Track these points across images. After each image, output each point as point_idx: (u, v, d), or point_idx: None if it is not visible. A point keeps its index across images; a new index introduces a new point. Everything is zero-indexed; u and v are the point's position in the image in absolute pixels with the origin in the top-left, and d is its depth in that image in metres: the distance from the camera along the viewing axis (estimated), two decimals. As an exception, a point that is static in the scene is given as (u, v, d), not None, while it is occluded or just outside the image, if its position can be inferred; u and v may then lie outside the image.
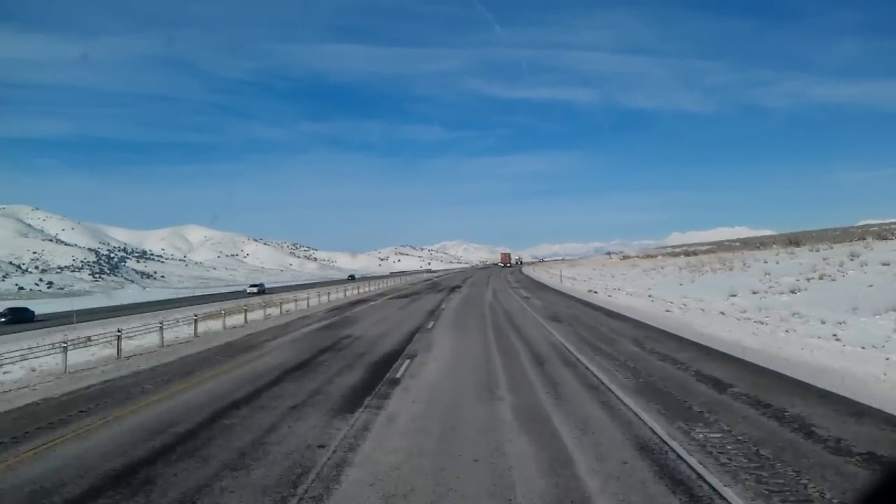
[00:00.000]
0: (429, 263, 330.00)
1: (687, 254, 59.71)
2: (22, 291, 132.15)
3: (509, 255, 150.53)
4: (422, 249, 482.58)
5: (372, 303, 34.66)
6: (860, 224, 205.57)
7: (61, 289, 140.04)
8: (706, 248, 77.90)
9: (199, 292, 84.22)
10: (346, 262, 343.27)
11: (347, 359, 13.76)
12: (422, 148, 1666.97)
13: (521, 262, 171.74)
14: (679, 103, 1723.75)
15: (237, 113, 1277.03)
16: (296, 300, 35.20)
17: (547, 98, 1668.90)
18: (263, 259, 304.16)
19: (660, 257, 61.30)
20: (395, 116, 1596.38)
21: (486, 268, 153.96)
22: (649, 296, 26.27)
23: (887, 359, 9.78)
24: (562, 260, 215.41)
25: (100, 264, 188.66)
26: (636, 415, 7.56)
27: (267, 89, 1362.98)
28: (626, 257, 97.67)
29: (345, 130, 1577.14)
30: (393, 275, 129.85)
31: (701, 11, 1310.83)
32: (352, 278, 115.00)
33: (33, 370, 15.15)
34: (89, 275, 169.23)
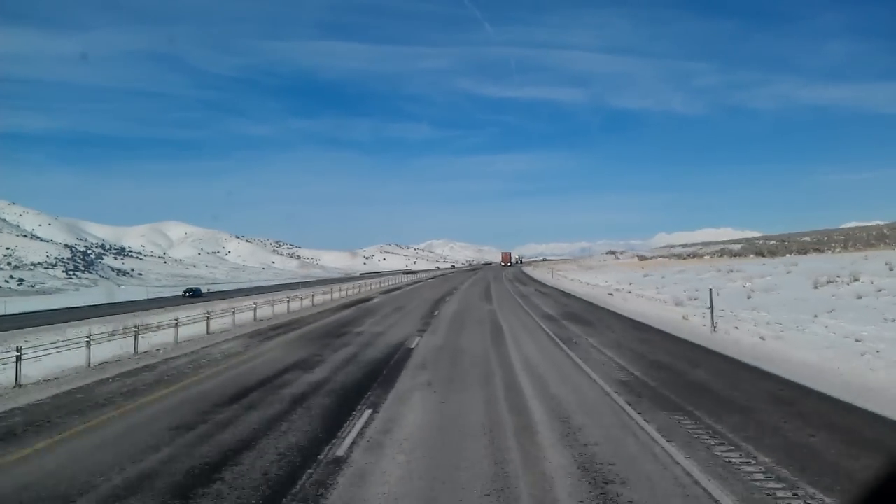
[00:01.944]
0: (414, 262, 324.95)
1: (760, 253, 53.50)
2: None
3: (510, 254, 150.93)
4: (407, 248, 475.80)
5: None
6: (844, 226, 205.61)
7: (32, 286, 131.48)
8: (739, 245, 73.30)
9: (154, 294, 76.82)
10: (335, 261, 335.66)
11: None
12: (410, 146, 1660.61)
13: (522, 261, 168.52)
14: (667, 104, 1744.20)
15: (224, 109, 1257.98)
16: None
17: (535, 98, 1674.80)
18: (245, 256, 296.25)
19: (707, 257, 54.05)
20: (383, 114, 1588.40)
21: (475, 269, 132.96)
22: None
23: None
24: (545, 260, 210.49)
25: (74, 261, 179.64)
26: None
27: (255, 86, 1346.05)
28: (642, 258, 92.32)
29: (333, 128, 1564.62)
30: (364, 276, 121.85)
31: (690, 13, 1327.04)
32: (192, 294, 63.33)
33: None
34: (63, 272, 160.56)
